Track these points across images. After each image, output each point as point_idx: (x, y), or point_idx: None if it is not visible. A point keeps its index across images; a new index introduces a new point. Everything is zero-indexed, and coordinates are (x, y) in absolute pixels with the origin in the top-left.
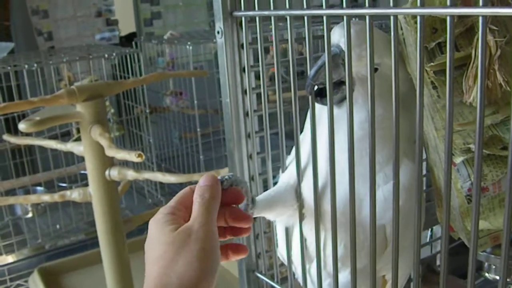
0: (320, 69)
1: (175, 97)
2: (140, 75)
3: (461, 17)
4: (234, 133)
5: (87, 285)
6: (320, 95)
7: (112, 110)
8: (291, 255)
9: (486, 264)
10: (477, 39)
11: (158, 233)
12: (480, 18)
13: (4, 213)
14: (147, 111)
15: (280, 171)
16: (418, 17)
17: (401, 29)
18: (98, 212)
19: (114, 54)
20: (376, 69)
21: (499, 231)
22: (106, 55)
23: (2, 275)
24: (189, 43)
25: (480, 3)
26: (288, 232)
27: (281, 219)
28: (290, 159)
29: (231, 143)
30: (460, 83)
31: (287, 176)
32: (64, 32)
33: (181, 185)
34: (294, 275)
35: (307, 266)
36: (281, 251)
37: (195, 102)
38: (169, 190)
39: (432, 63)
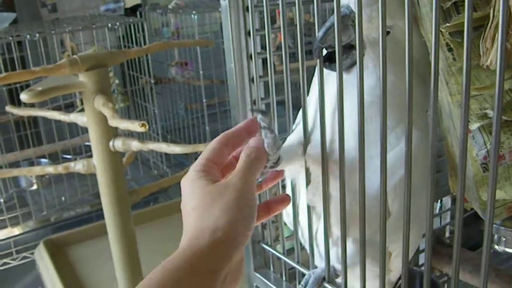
0: (328, 31)
1: (180, 67)
2: (145, 45)
3: None
4: (239, 100)
5: (93, 257)
6: (328, 60)
7: (117, 81)
8: (297, 220)
9: (496, 236)
10: None
11: (192, 188)
12: None
13: (9, 185)
14: (152, 82)
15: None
16: None
17: None
18: (103, 184)
19: (117, 24)
20: (388, 32)
21: None
22: (109, 25)
23: (8, 248)
24: (194, 12)
25: None
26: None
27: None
28: (295, 124)
29: (236, 111)
30: (477, 45)
31: (292, 139)
32: (68, 4)
33: (186, 156)
34: (300, 245)
35: (314, 230)
36: (287, 213)
37: (201, 72)
38: (175, 161)
39: (448, 24)
